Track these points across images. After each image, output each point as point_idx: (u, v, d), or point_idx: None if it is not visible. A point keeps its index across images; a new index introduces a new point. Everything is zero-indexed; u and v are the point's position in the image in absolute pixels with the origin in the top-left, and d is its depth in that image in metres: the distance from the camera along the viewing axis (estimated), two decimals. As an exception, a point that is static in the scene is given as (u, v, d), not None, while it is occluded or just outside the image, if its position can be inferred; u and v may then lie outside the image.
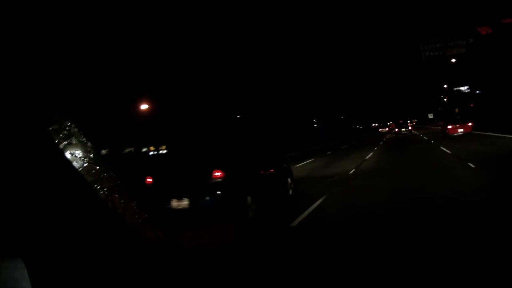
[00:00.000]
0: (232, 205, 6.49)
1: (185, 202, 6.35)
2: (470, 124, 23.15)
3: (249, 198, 6.89)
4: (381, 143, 33.83)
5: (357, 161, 17.14)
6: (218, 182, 6.35)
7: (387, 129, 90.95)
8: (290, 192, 9.53)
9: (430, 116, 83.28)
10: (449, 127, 23.55)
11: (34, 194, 1.70)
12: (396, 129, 50.83)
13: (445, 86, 65.06)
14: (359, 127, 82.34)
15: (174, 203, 6.44)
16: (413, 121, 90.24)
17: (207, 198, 6.33)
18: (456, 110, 55.47)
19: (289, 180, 9.69)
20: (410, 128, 49.91)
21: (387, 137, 48.67)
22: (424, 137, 30.66)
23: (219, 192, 6.32)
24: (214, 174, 6.39)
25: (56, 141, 1.97)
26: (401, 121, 72.63)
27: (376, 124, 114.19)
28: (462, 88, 68.47)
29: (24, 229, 1.58)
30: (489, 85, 44.74)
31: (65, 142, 2.00)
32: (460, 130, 22.90)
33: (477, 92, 60.71)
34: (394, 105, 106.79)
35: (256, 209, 7.03)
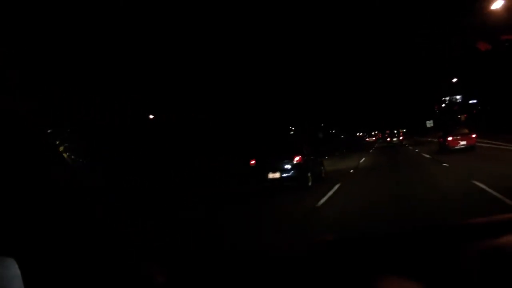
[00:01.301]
0: (302, 177, 11.77)
1: (277, 174, 11.62)
2: (474, 135, 20.04)
3: (309, 174, 12.16)
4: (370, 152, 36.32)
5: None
6: (297, 163, 11.63)
7: (374, 138, 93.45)
8: (323, 175, 14.85)
9: (429, 124, 67.50)
10: (449, 139, 20.03)
11: (29, 193, 1.78)
12: (388, 139, 55.92)
13: (455, 79, 52.27)
14: (342, 137, 78.14)
15: (270, 175, 11.71)
16: (401, 131, 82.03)
17: (290, 172, 11.60)
18: (463, 117, 51.45)
19: (322, 167, 15.03)
20: (401, 138, 52.03)
21: (374, 146, 48.42)
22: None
23: (297, 169, 11.59)
24: (295, 158, 11.68)
25: (53, 142, 2.32)
26: (387, 131, 75.87)
27: (361, 134, 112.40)
28: (457, 97, 68.65)
29: (17, 228, 1.60)
30: (491, 95, 41.88)
31: (62, 145, 2.49)
32: (463, 142, 19.72)
33: (471, 102, 59.98)
34: (382, 113, 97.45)
35: (312, 181, 12.32)
